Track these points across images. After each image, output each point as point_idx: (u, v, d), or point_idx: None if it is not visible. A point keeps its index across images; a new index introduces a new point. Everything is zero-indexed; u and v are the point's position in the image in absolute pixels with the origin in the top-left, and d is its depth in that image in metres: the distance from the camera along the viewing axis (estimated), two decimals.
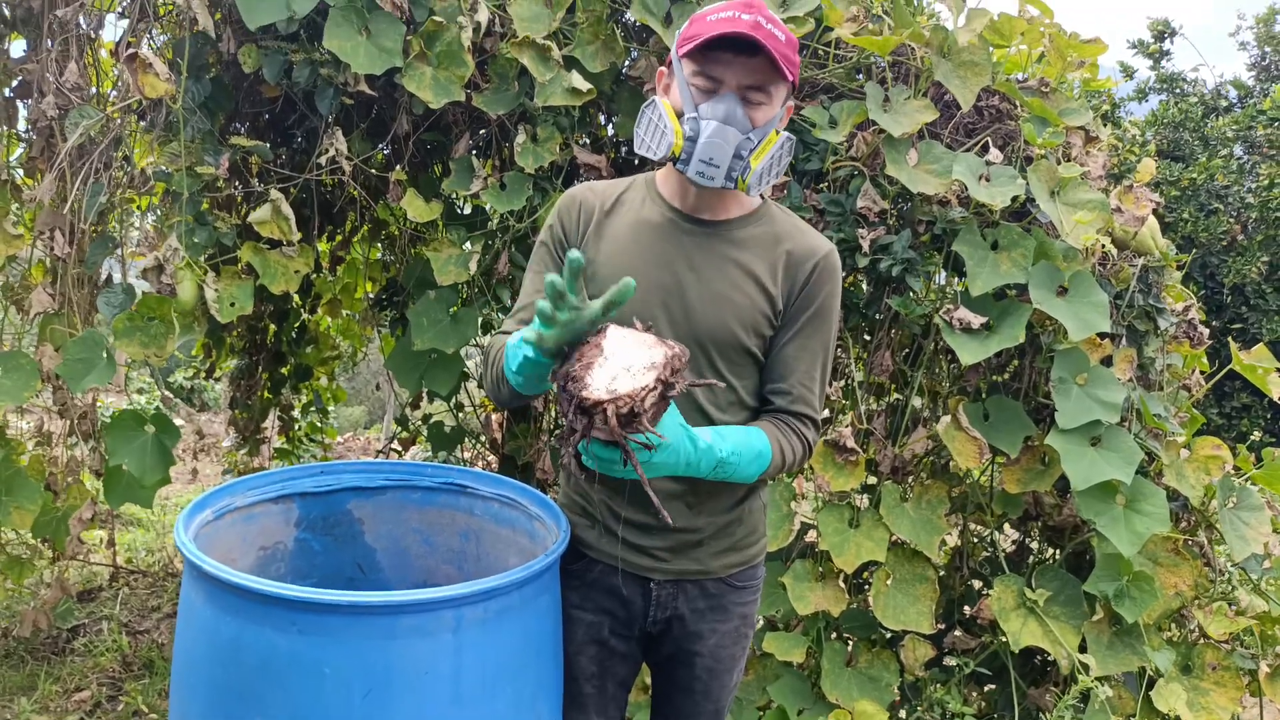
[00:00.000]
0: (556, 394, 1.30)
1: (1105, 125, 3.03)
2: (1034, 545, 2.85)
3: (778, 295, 1.60)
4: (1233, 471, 2.55)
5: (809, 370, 1.62)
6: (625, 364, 1.26)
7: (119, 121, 2.50)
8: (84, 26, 2.52)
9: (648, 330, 1.34)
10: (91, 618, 3.53)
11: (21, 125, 2.65)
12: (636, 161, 3.15)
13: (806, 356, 1.62)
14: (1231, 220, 7.38)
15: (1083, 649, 2.43)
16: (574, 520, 1.72)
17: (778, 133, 1.54)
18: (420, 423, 4.04)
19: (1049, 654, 2.45)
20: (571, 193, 1.69)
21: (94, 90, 2.61)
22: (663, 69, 1.61)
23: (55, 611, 3.07)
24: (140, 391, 8.49)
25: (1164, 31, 9.23)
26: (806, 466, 2.62)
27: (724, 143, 1.47)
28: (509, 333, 1.65)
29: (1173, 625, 2.62)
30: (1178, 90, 8.88)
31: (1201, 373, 2.81)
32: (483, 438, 3.91)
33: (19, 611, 3.20)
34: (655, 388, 1.24)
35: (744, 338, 1.59)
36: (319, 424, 4.90)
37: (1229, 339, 2.76)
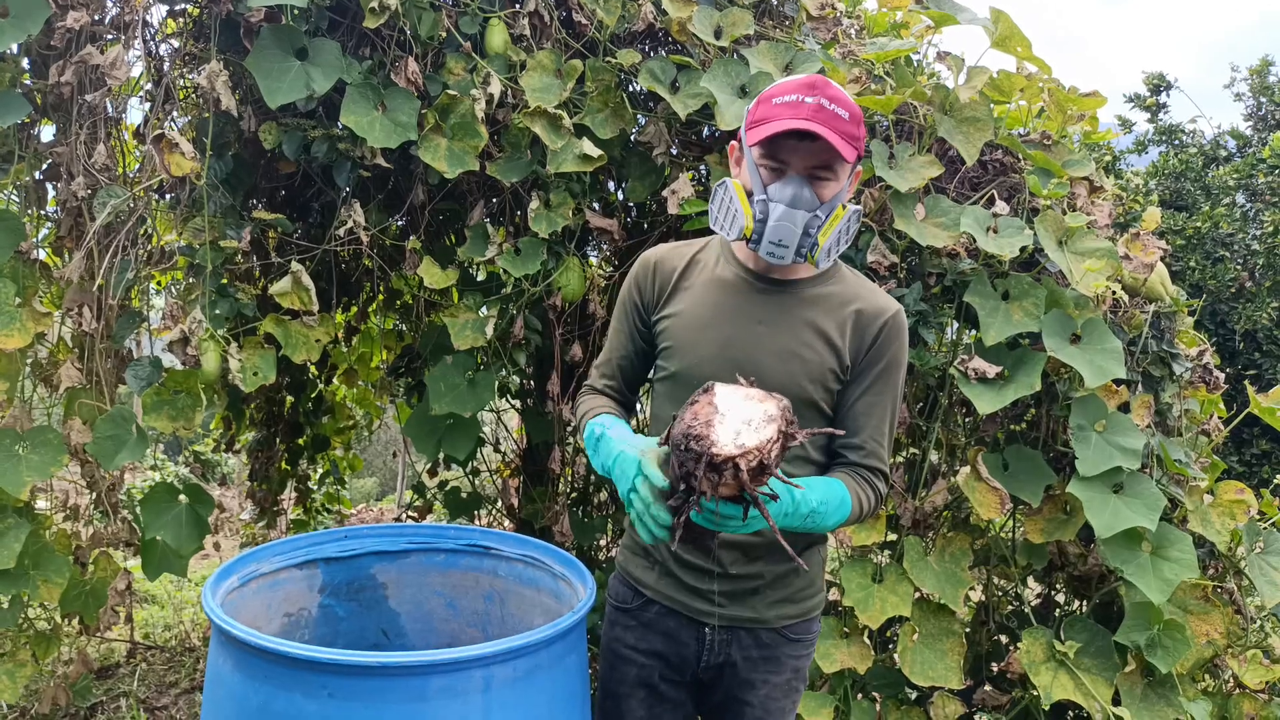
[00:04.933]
0: (672, 453, 1.31)
1: (1108, 176, 3.08)
2: (1059, 597, 2.81)
3: (846, 352, 1.64)
4: (1258, 516, 2.53)
5: (879, 425, 1.66)
6: (744, 418, 1.28)
7: (144, 200, 2.57)
8: (111, 111, 2.60)
9: (751, 384, 1.36)
10: (109, 695, 3.50)
11: (49, 206, 2.72)
12: (645, 225, 3.20)
13: (877, 412, 1.66)
14: (1238, 267, 7.41)
15: (1116, 701, 2.38)
16: (634, 561, 1.76)
17: (844, 207, 1.60)
18: (436, 490, 4.05)
19: (1082, 708, 2.41)
20: (646, 257, 1.77)
21: (119, 171, 2.68)
22: (734, 143, 1.68)
23: (74, 688, 3.04)
24: (154, 468, 8.51)
25: (1160, 85, 9.37)
26: None
27: (792, 225, 1.54)
28: (595, 389, 1.81)
29: (1206, 675, 2.57)
30: (1177, 142, 8.98)
31: (1220, 418, 2.81)
32: (499, 503, 3.91)
33: (38, 689, 3.17)
34: (779, 439, 1.27)
35: (812, 392, 1.63)
36: (336, 494, 4.91)
37: (1245, 384, 2.76)
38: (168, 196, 2.77)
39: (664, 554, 1.71)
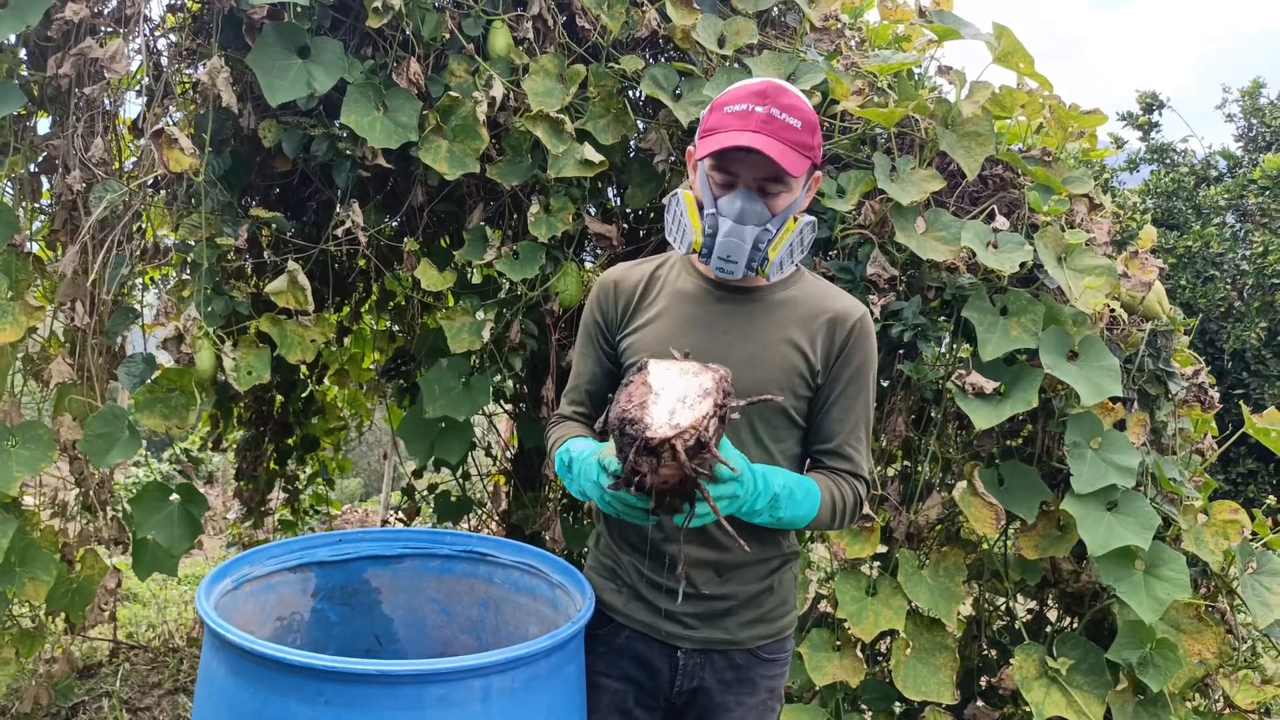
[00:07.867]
0: (614, 438, 1.28)
1: (1105, 194, 3.09)
2: (1052, 614, 2.81)
3: (815, 357, 1.61)
4: (1251, 537, 2.53)
5: (854, 430, 1.63)
6: (679, 395, 1.25)
7: (139, 195, 2.54)
8: (108, 104, 2.58)
9: (686, 358, 1.34)
10: (91, 694, 3.45)
11: (43, 199, 2.69)
12: (642, 232, 3.20)
13: (851, 417, 1.63)
14: (1228, 287, 7.47)
15: (1108, 719, 2.38)
16: (601, 584, 1.71)
17: (796, 220, 1.57)
18: (425, 493, 4.02)
19: None
20: (605, 278, 1.74)
21: (115, 165, 2.65)
22: (691, 148, 1.65)
23: (57, 687, 3.01)
24: (137, 465, 8.42)
25: (1152, 104, 9.45)
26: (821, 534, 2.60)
27: (740, 241, 1.52)
28: (565, 416, 1.77)
29: (1197, 694, 2.58)
30: (1168, 160, 9.05)
31: (1213, 437, 2.82)
32: (488, 507, 3.89)
33: (20, 687, 3.13)
34: (714, 414, 1.24)
35: (780, 399, 1.59)
36: (324, 495, 4.87)
37: (1239, 403, 2.77)
38: (162, 192, 2.75)
39: (632, 576, 1.67)
